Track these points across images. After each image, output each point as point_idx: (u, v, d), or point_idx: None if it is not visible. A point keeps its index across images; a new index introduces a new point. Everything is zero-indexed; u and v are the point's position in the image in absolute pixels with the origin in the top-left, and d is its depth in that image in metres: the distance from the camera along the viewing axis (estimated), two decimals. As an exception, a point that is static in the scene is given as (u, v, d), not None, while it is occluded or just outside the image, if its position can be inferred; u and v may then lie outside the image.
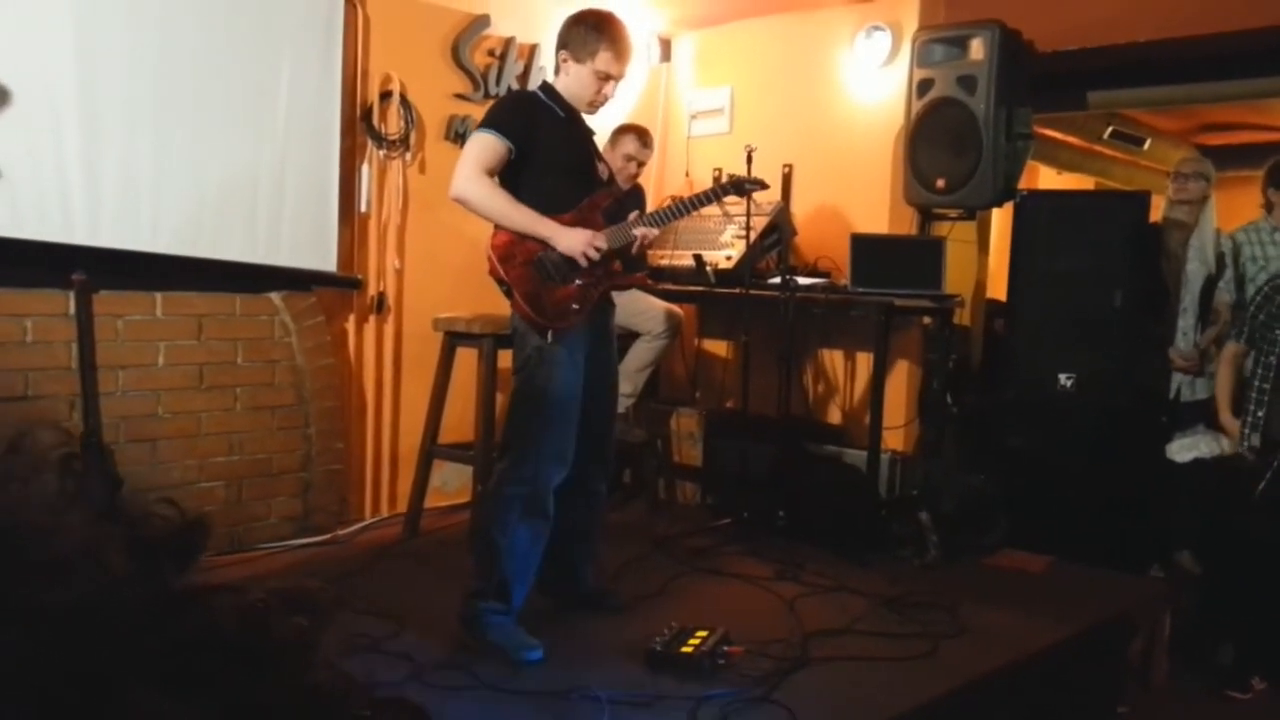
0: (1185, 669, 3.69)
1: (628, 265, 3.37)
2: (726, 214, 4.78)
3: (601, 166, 3.25)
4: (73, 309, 3.22)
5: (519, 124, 3.01)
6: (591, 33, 3.05)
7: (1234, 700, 3.50)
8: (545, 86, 3.19)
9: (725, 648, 2.90)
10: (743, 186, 3.57)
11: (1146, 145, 6.86)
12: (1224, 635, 3.70)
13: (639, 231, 3.14)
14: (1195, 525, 4.24)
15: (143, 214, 3.64)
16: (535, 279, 3.00)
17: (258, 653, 0.48)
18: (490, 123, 3.01)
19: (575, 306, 3.04)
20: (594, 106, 3.12)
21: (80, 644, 0.44)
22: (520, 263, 3.00)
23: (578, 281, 3.04)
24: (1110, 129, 6.48)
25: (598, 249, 3.02)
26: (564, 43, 3.10)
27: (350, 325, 4.38)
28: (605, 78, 3.06)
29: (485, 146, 2.97)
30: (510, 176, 3.01)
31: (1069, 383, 4.33)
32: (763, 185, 3.77)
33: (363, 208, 4.32)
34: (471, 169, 2.95)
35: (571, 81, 3.09)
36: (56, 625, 0.44)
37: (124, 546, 0.48)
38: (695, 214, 3.60)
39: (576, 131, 3.16)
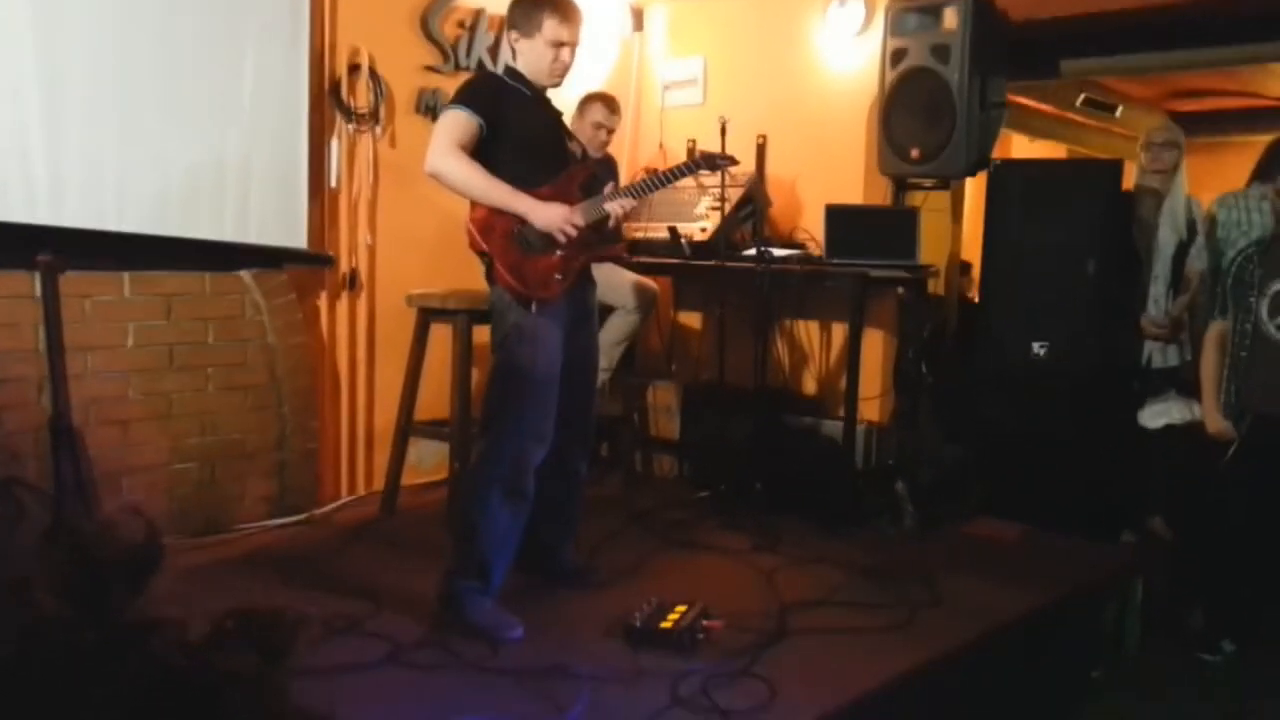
0: (1157, 633, 3.75)
1: (603, 237, 3.35)
2: (701, 186, 4.76)
3: (574, 145, 3.23)
4: (39, 290, 3.16)
5: (487, 101, 2.99)
6: (533, 7, 3.04)
7: (1204, 663, 3.55)
8: (509, 70, 3.17)
9: (704, 622, 2.92)
10: (715, 162, 3.54)
11: (1119, 112, 6.87)
12: (1195, 599, 3.76)
13: (612, 206, 3.11)
14: (1167, 491, 4.29)
15: (108, 195, 3.57)
16: (516, 250, 2.99)
17: (206, 687, 0.46)
18: (459, 100, 3.00)
19: (558, 276, 3.03)
20: (555, 76, 3.09)
21: (8, 694, 0.41)
22: (500, 235, 2.99)
23: (558, 253, 3.03)
24: (1082, 96, 6.49)
25: (575, 225, 3.00)
26: (511, 24, 3.10)
27: (322, 303, 4.33)
28: (558, 44, 3.03)
29: (456, 122, 2.94)
30: (482, 155, 2.98)
31: (1042, 351, 4.36)
32: (733, 161, 3.73)
33: (333, 183, 4.26)
34: (444, 143, 2.93)
35: (529, 59, 3.07)
36: None
37: (63, 578, 0.45)
38: (670, 186, 3.57)
39: (545, 111, 3.15)
